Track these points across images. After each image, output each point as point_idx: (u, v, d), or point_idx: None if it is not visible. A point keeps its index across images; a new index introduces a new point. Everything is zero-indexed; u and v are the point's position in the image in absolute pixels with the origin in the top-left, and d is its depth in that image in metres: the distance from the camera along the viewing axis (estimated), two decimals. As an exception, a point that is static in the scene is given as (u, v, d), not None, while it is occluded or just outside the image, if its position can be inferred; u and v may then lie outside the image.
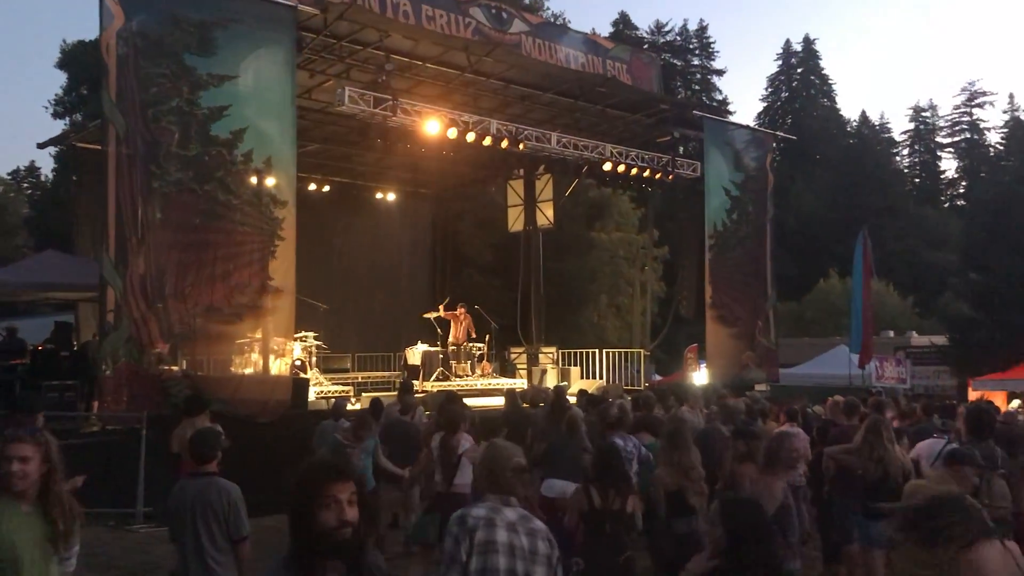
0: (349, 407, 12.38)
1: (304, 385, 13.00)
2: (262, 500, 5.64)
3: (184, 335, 11.23)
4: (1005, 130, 71.07)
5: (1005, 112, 73.18)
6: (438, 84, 15.66)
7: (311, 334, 15.79)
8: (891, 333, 36.56)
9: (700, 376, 19.85)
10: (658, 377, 23.80)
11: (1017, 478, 6.90)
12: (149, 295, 10.94)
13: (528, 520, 3.60)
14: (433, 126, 14.34)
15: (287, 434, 10.70)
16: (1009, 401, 18.13)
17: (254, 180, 11.79)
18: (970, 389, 24.63)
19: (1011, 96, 73.71)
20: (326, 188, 20.23)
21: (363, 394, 15.10)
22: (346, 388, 15.60)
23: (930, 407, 11.35)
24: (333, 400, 12.03)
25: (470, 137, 14.89)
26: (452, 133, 14.58)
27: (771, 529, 2.99)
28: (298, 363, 14.61)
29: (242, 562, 4.89)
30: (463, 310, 18.28)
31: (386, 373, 18.90)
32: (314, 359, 15.95)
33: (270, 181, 11.96)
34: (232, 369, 11.80)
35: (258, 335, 11.89)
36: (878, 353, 23.64)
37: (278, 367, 12.32)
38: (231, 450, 5.57)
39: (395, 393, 12.63)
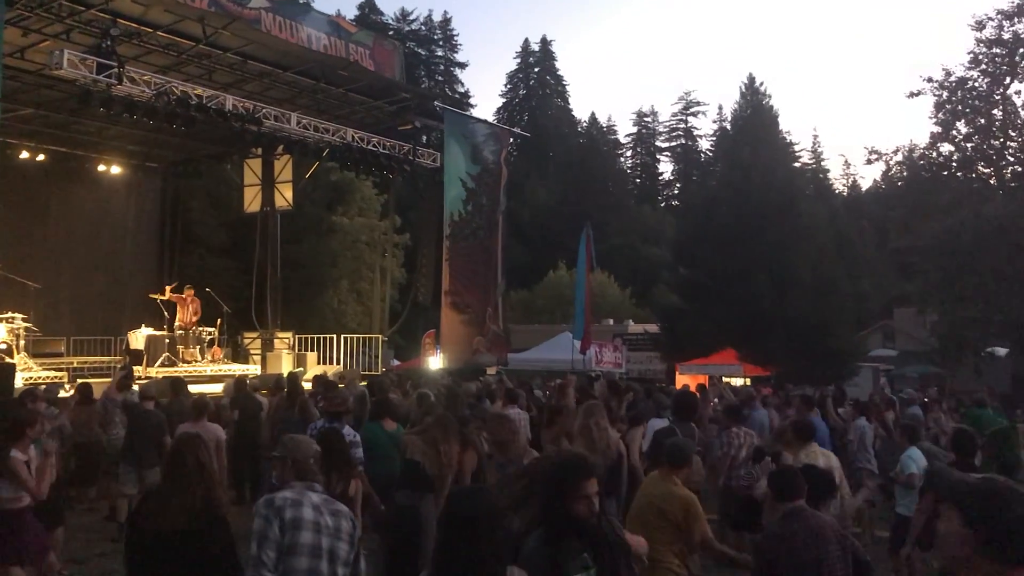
0: (62, 394, 11.58)
1: (10, 370, 11.95)
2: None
3: None
4: (714, 138, 78.53)
5: (714, 122, 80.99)
6: (170, 54, 14.89)
7: (19, 315, 14.53)
8: (611, 321, 39.33)
9: (436, 361, 20.39)
10: (397, 362, 24.11)
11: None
12: None
13: (331, 503, 3.86)
14: (163, 98, 13.63)
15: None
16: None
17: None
18: (677, 373, 27.15)
19: (720, 108, 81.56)
20: (41, 157, 18.50)
21: (78, 380, 14.13)
22: (59, 374, 14.50)
23: (645, 391, 12.54)
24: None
25: (203, 112, 14.30)
26: (183, 106, 13.93)
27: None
28: (3, 347, 13.43)
29: None
30: (191, 292, 17.50)
31: (105, 358, 17.73)
32: (22, 342, 14.66)
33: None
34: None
35: (-46, 316, 10.76)
36: (598, 339, 25.39)
37: (-21, 351, 11.23)
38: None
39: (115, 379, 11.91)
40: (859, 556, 4.16)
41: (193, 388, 12.30)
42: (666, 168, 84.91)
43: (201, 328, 17.58)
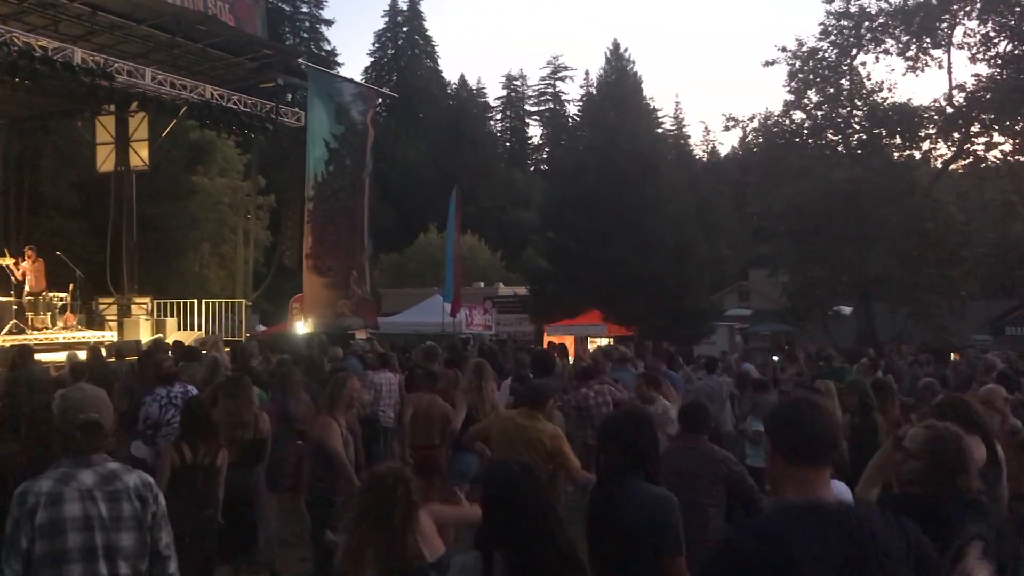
0: None
1: None
2: None
3: None
4: (581, 103, 79.60)
5: (582, 87, 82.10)
6: (9, 2, 13.94)
7: None
8: (481, 284, 39.61)
9: (303, 326, 20.08)
10: (262, 327, 23.63)
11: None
12: None
13: (112, 480, 3.21)
14: (2, 49, 12.79)
15: None
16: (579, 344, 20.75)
17: None
18: (545, 334, 27.69)
19: (587, 73, 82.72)
20: None
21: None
22: None
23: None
24: None
25: (48, 65, 13.51)
26: (25, 58, 13.12)
27: None
28: None
29: None
30: (31, 253, 16.47)
31: (-56, 327, 16.66)
32: None
33: None
34: None
35: None
36: (469, 303, 25.60)
37: None
38: None
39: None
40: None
41: (45, 357, 11.78)
42: (535, 132, 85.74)
43: (52, 294, 16.71)
